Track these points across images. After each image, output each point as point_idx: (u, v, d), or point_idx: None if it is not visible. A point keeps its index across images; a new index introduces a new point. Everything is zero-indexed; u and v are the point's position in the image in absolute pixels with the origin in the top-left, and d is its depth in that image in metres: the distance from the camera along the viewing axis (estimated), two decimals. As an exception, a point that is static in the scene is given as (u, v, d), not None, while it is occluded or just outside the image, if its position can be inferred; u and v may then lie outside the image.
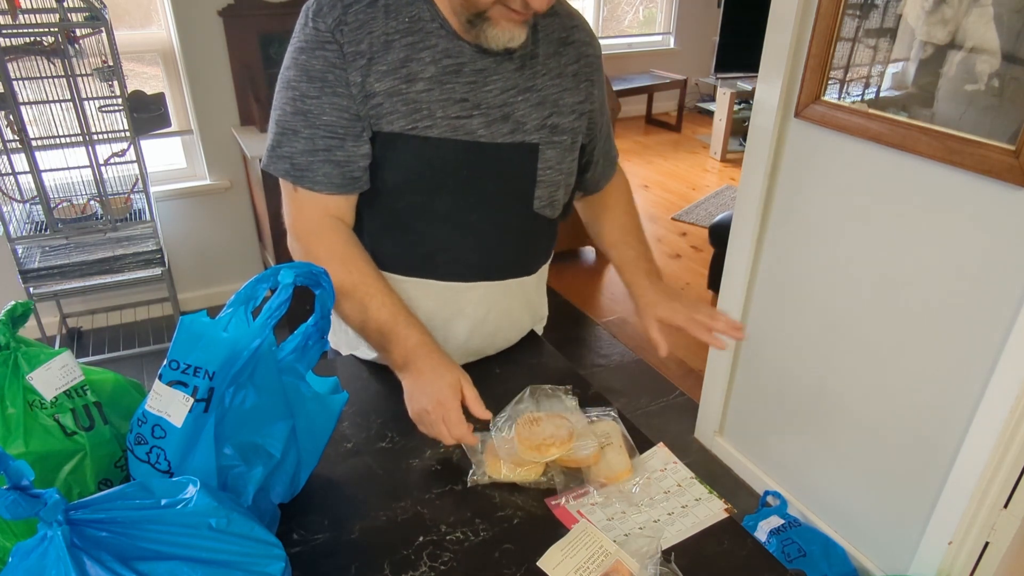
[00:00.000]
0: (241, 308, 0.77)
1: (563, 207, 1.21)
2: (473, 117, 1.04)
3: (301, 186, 1.05)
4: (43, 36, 2.26)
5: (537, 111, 1.07)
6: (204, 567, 0.64)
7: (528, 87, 1.06)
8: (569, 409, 1.04)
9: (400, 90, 1.01)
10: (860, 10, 1.70)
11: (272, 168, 1.06)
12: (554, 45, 1.09)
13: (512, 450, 0.96)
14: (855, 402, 1.91)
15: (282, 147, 1.05)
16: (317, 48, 1.00)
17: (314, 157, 1.03)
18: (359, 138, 1.03)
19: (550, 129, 1.09)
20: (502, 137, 1.06)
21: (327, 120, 1.02)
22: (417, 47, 1.01)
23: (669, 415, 2.70)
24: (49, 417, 0.80)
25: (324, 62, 1.00)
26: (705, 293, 3.52)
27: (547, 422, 0.99)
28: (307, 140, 1.03)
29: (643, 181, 5.09)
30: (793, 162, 1.96)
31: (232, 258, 3.27)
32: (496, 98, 1.04)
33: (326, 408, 0.92)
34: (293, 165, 1.04)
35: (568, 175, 1.17)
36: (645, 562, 0.83)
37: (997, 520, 1.68)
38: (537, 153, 1.09)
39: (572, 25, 1.12)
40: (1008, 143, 1.44)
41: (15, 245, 2.43)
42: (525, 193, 1.11)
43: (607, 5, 6.15)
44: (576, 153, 1.17)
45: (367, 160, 1.05)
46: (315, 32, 1.00)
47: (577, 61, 1.12)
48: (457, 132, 1.03)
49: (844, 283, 1.88)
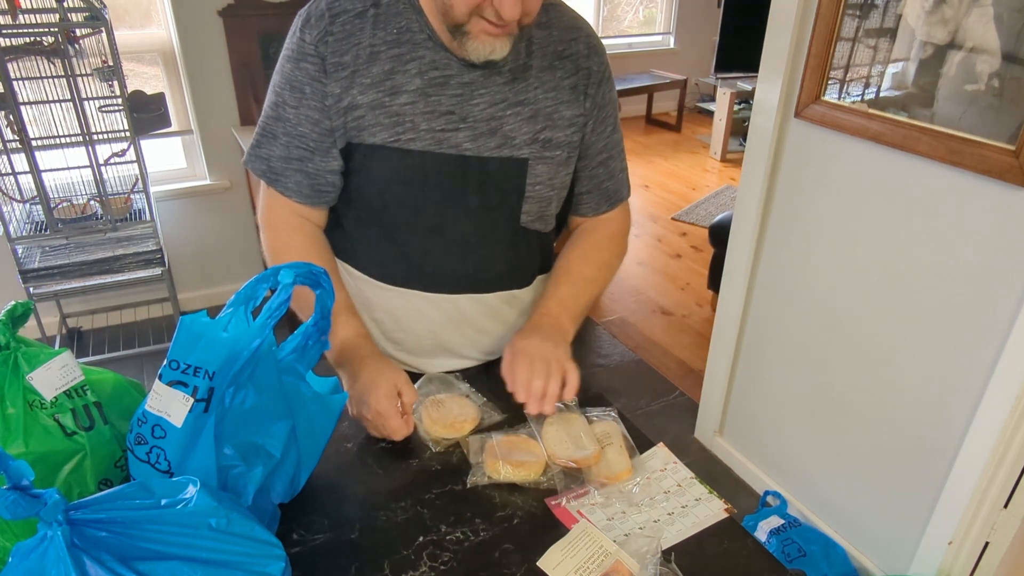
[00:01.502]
0: (241, 308, 0.77)
1: (557, 220, 1.19)
2: (459, 130, 1.03)
3: (275, 189, 1.09)
4: (43, 36, 2.26)
5: (528, 125, 1.05)
6: (204, 567, 0.64)
7: (519, 100, 1.04)
8: (464, 392, 1.11)
9: (383, 103, 1.01)
10: (860, 10, 1.70)
11: (251, 166, 1.10)
12: (549, 58, 1.06)
13: (420, 428, 1.03)
14: (855, 402, 1.91)
15: (262, 148, 1.08)
16: (300, 60, 1.02)
17: (288, 165, 1.07)
18: (328, 153, 1.05)
19: (542, 144, 1.07)
20: (489, 151, 1.04)
21: (302, 131, 1.04)
22: (403, 59, 1.01)
23: (669, 415, 2.70)
24: (49, 417, 0.80)
25: (304, 74, 1.02)
26: (705, 293, 3.53)
27: (450, 402, 1.06)
28: (284, 147, 1.06)
29: (643, 181, 5.09)
30: (793, 162, 1.96)
31: (232, 258, 3.27)
32: (484, 111, 1.03)
33: (326, 408, 0.92)
34: (270, 168, 1.08)
35: (560, 189, 1.14)
36: (645, 562, 0.83)
37: (997, 520, 1.68)
38: (526, 168, 1.07)
39: (571, 38, 1.08)
40: (1008, 143, 1.44)
41: (15, 245, 2.43)
42: (513, 207, 1.10)
43: (607, 5, 6.15)
44: (571, 168, 1.13)
45: (336, 175, 1.08)
46: (300, 43, 1.02)
47: (575, 74, 1.08)
48: (441, 145, 1.03)
49: (844, 283, 1.88)
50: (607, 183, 1.19)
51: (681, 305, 3.47)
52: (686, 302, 3.50)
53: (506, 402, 1.05)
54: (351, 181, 1.09)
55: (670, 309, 3.44)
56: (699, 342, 3.10)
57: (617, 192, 1.21)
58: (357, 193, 1.10)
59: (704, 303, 3.48)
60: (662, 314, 3.39)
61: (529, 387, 0.99)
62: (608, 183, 1.19)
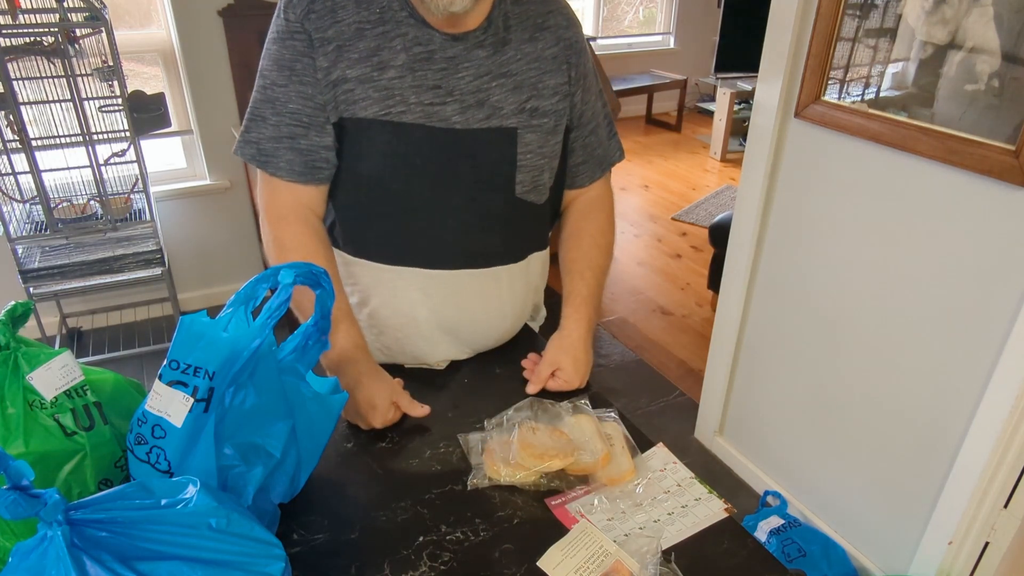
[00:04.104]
0: (241, 308, 0.77)
1: (550, 192, 1.21)
2: (447, 104, 1.05)
3: (265, 171, 1.09)
4: (43, 36, 2.26)
5: (514, 95, 1.08)
6: (204, 567, 0.64)
7: (503, 72, 1.07)
8: (568, 425, 1.03)
9: (371, 77, 1.03)
10: (860, 10, 1.70)
11: (240, 152, 1.10)
12: (529, 31, 1.10)
13: (511, 452, 0.96)
14: (855, 402, 1.91)
15: (250, 132, 1.08)
16: (287, 38, 1.03)
17: (279, 144, 1.07)
18: (322, 129, 1.06)
19: (529, 113, 1.09)
20: (477, 123, 1.06)
21: (293, 108, 1.05)
22: (388, 36, 1.03)
23: (669, 415, 2.70)
24: (49, 417, 0.80)
25: (293, 51, 1.03)
26: (705, 293, 3.53)
27: (544, 433, 0.99)
28: (274, 127, 1.06)
29: (643, 181, 5.09)
30: (793, 162, 1.96)
31: (232, 258, 3.27)
32: (469, 84, 1.05)
33: (326, 408, 0.92)
34: (259, 150, 1.08)
35: (552, 158, 1.17)
36: (645, 562, 0.83)
37: (997, 520, 1.67)
38: (515, 137, 1.09)
39: (547, 11, 1.12)
40: (1008, 143, 1.44)
41: (15, 245, 2.43)
42: (506, 178, 1.12)
43: (607, 5, 6.15)
44: (560, 136, 1.17)
45: (330, 152, 1.08)
46: (286, 23, 1.03)
47: (556, 44, 1.12)
48: (431, 119, 1.04)
49: (844, 283, 1.88)
50: (598, 150, 1.25)
51: (681, 305, 3.47)
52: (686, 302, 3.50)
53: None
54: (344, 159, 1.10)
55: (670, 309, 3.44)
56: (699, 342, 3.10)
57: (607, 157, 1.27)
58: (350, 172, 1.10)
59: (704, 303, 3.48)
60: (662, 314, 3.39)
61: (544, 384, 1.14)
62: (599, 150, 1.25)
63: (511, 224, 1.17)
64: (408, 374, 1.18)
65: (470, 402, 1.13)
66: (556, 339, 1.19)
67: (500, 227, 1.15)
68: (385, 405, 1.05)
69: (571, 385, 1.14)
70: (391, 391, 1.07)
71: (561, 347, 1.17)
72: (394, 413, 1.06)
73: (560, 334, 1.20)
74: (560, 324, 1.21)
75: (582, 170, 1.25)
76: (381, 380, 1.07)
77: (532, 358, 1.21)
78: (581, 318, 1.20)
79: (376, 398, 1.04)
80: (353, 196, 1.13)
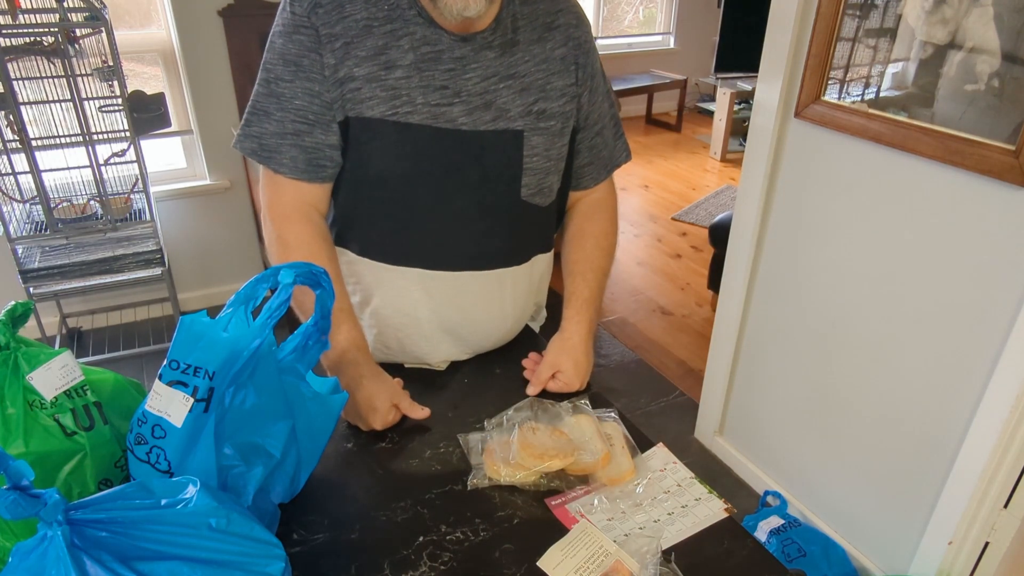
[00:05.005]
0: (241, 308, 0.77)
1: (556, 194, 1.21)
2: (454, 105, 1.04)
3: (268, 167, 1.08)
4: (43, 36, 2.26)
5: (521, 97, 1.07)
6: (204, 567, 0.64)
7: (510, 74, 1.06)
8: (568, 425, 1.03)
9: (379, 76, 1.02)
10: (860, 10, 1.70)
11: (241, 146, 1.08)
12: (538, 31, 1.09)
13: (511, 452, 0.96)
14: (855, 402, 1.91)
15: (252, 127, 1.07)
16: (293, 32, 1.02)
17: (283, 140, 1.05)
18: (328, 127, 1.05)
19: (536, 115, 1.09)
20: (484, 125, 1.06)
21: (298, 104, 1.03)
22: (396, 34, 1.02)
23: (669, 415, 2.70)
24: (49, 417, 0.80)
25: (300, 46, 1.02)
26: (705, 293, 3.53)
27: (544, 433, 0.99)
28: (278, 123, 1.05)
29: (643, 181, 5.09)
30: (793, 162, 1.96)
31: (232, 258, 3.27)
32: (477, 85, 1.05)
33: (326, 408, 0.92)
34: (261, 146, 1.06)
35: (558, 161, 1.16)
36: (645, 562, 0.83)
37: (997, 520, 1.67)
38: (522, 140, 1.09)
39: (557, 10, 1.11)
40: (1008, 143, 1.44)
41: (15, 245, 2.43)
42: (512, 181, 1.11)
43: (607, 5, 6.15)
44: (567, 139, 1.16)
45: (335, 150, 1.07)
46: (292, 16, 1.02)
47: (564, 44, 1.11)
48: (438, 120, 1.04)
49: (844, 283, 1.88)
50: (603, 152, 1.24)
51: (681, 305, 3.47)
52: (686, 302, 3.50)
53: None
54: (349, 158, 1.09)
55: (670, 309, 3.44)
56: (699, 342, 3.10)
57: (613, 158, 1.26)
58: (356, 171, 1.09)
59: (704, 303, 3.48)
60: (662, 314, 3.39)
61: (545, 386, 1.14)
62: (604, 151, 1.24)
63: (515, 226, 1.16)
64: (408, 374, 1.18)
65: (470, 402, 1.13)
66: (557, 341, 1.19)
67: (504, 229, 1.15)
68: (385, 407, 1.04)
69: (571, 387, 1.14)
70: (391, 393, 1.06)
71: (562, 349, 1.17)
72: (394, 415, 1.06)
73: (561, 336, 1.19)
74: (561, 326, 1.21)
75: (587, 172, 1.24)
76: (382, 381, 1.07)
77: (532, 358, 1.21)
78: (582, 320, 1.20)
79: (376, 400, 1.04)
80: (357, 195, 1.12)
